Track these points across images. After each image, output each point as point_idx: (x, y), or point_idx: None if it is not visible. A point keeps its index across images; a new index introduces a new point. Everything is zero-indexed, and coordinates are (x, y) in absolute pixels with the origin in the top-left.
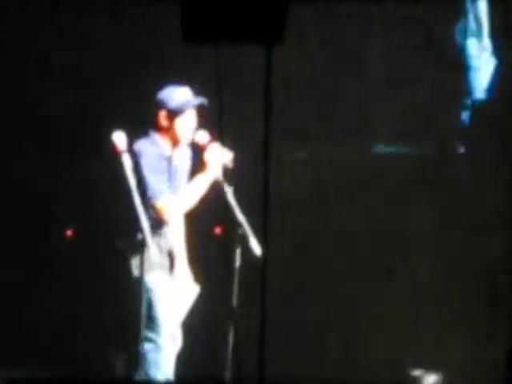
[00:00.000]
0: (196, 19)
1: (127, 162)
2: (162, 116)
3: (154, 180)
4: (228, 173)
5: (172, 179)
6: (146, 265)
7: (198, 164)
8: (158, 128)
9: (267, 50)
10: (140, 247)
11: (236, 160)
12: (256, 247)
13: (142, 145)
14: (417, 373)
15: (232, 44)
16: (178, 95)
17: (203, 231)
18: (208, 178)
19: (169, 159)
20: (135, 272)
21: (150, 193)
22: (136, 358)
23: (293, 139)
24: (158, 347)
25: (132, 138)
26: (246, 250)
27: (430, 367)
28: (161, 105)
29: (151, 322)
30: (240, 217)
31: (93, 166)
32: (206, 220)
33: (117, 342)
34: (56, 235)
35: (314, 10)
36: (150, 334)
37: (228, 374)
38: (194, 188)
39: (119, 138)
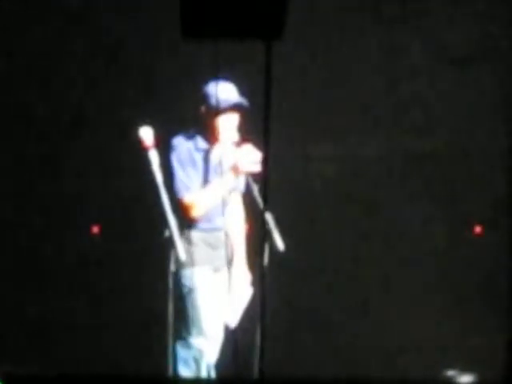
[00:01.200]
0: (196, 15)
1: (154, 157)
2: (202, 111)
3: (182, 175)
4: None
5: (206, 176)
6: (181, 262)
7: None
8: (197, 123)
9: (267, 46)
10: (167, 244)
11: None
12: (280, 243)
13: (176, 139)
14: (451, 373)
15: (232, 40)
16: (221, 92)
17: None
18: (233, 176)
19: (204, 156)
20: (167, 268)
21: (177, 188)
22: (164, 356)
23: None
24: (188, 346)
25: (163, 133)
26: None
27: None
28: (202, 100)
29: (184, 320)
30: (266, 214)
31: (120, 163)
32: None
33: (146, 340)
34: (83, 232)
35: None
36: (183, 333)
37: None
38: (219, 185)
39: (146, 134)
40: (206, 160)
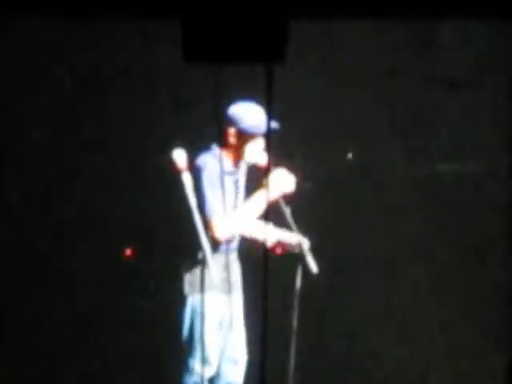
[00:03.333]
0: (197, 39)
1: (187, 180)
2: (231, 134)
3: (212, 196)
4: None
5: (231, 197)
6: (205, 284)
7: (258, 184)
8: (224, 144)
9: (268, 68)
10: (200, 266)
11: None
12: (313, 265)
13: (204, 159)
14: None
15: (234, 63)
16: (252, 116)
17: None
18: (265, 199)
19: (231, 177)
20: (189, 290)
21: (207, 209)
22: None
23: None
24: (189, 371)
25: (193, 155)
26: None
27: None
28: (231, 122)
29: (192, 342)
30: (299, 236)
31: (153, 185)
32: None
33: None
34: (115, 253)
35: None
36: (188, 355)
37: None
38: (251, 208)
39: (179, 156)
40: (233, 181)
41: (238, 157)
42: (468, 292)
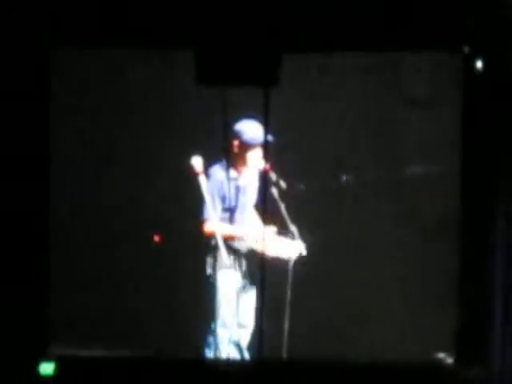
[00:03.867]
0: (208, 66)
1: (203, 181)
2: (235, 145)
3: (210, 204)
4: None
5: (234, 199)
6: (218, 264)
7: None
8: (230, 155)
9: (265, 92)
10: (214, 250)
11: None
12: (303, 249)
13: (213, 169)
14: (441, 355)
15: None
16: (252, 130)
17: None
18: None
19: (234, 182)
20: (208, 270)
21: (204, 211)
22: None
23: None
24: (216, 334)
25: (207, 162)
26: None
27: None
28: (236, 135)
29: (214, 312)
30: (291, 226)
31: (177, 185)
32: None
33: (188, 328)
34: (145, 239)
35: (306, 60)
36: (213, 322)
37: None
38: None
39: (197, 162)
40: (235, 186)
41: (241, 164)
42: (423, 265)
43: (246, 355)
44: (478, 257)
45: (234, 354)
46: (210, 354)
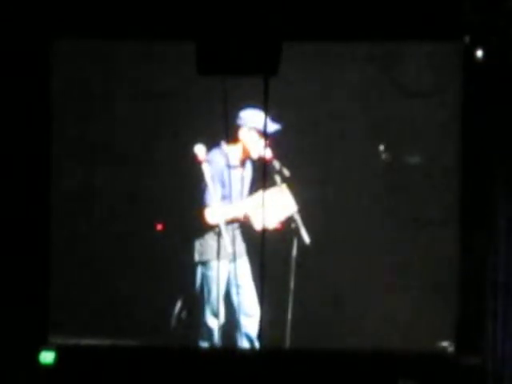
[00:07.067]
0: (208, 56)
1: (206, 169)
2: (241, 131)
3: (211, 189)
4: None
5: (236, 187)
6: (220, 253)
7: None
8: (232, 142)
9: (265, 80)
10: (217, 238)
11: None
12: (306, 237)
13: (212, 154)
14: (442, 344)
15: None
16: (257, 117)
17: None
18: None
19: (236, 170)
20: (199, 258)
21: (205, 198)
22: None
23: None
24: (205, 321)
25: (208, 149)
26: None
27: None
28: (241, 122)
29: (209, 299)
30: (294, 214)
31: (179, 172)
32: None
33: (178, 315)
34: (149, 228)
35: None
36: (205, 310)
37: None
38: (236, 209)
39: (200, 150)
40: (235, 173)
41: (244, 153)
42: (425, 255)
43: (256, 344)
44: (478, 247)
45: (245, 344)
46: (214, 342)
